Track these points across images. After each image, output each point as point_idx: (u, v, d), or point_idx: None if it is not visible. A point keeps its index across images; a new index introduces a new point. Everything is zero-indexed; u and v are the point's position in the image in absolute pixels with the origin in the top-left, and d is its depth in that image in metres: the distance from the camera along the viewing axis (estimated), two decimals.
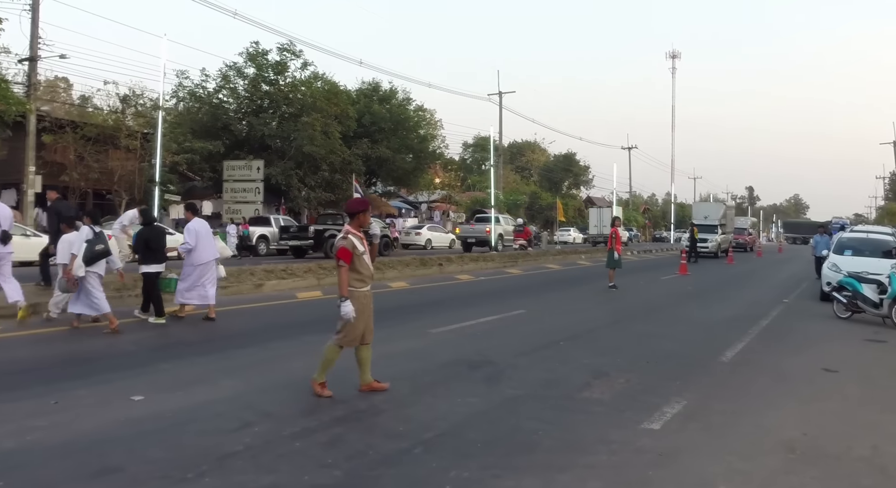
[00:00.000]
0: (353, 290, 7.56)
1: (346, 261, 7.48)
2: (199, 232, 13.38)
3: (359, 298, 7.58)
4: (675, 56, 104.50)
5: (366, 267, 7.68)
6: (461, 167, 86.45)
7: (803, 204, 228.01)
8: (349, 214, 7.85)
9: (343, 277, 7.51)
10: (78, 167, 33.51)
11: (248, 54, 44.30)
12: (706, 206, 57.90)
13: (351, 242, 7.51)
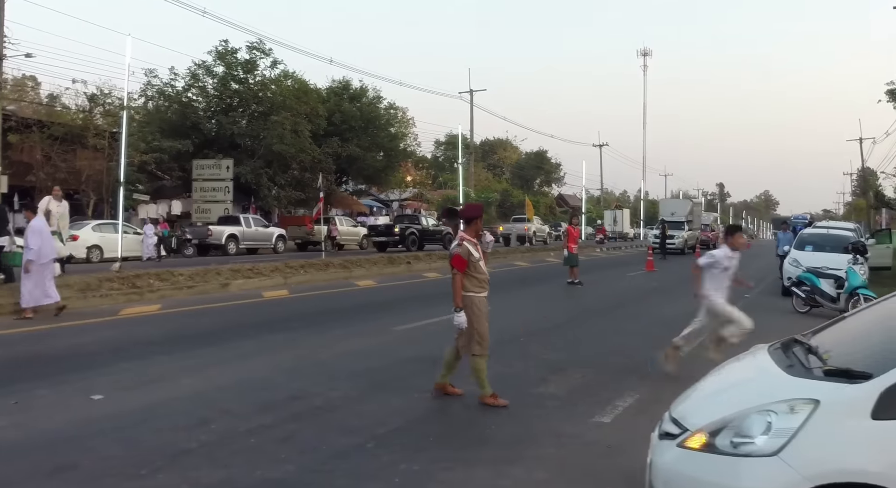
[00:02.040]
0: (472, 295, 7.56)
1: (460, 268, 7.48)
2: (43, 231, 13.36)
3: (477, 303, 7.59)
4: (646, 54, 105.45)
5: (482, 272, 7.67)
6: (433, 165, 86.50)
7: (773, 200, 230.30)
8: (464, 220, 7.86)
9: (457, 285, 7.49)
10: (45, 167, 33.27)
11: (218, 53, 44.07)
12: (673, 203, 58.25)
13: (466, 249, 7.50)
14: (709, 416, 3.79)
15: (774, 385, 3.92)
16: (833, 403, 3.43)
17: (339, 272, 22.69)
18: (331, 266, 23.21)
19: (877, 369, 3.48)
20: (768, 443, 3.42)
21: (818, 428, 3.37)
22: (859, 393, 3.40)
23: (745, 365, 4.72)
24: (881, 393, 3.33)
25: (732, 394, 4.08)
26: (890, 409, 3.29)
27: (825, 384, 3.62)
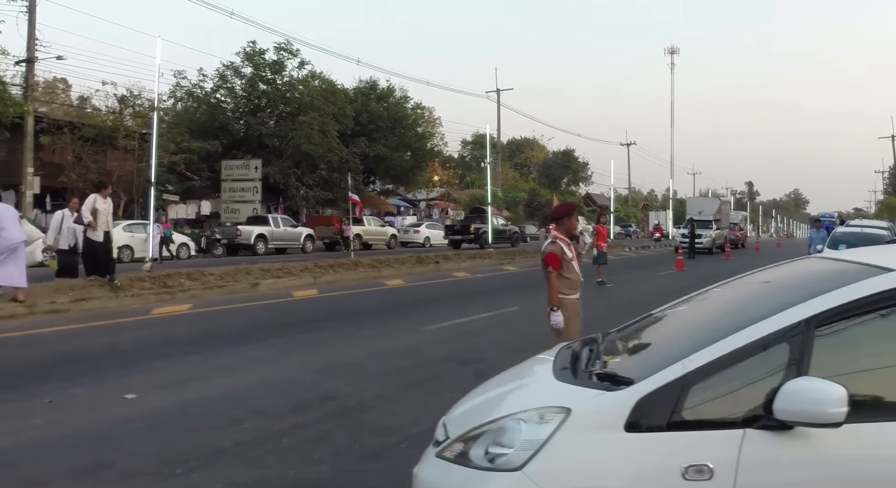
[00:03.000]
0: (563, 297, 7.35)
1: (555, 267, 7.27)
2: (5, 216, 13.55)
3: (568, 306, 7.39)
4: (673, 51, 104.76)
5: (575, 273, 7.46)
6: (460, 165, 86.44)
7: (803, 199, 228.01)
8: (554, 219, 7.70)
9: (553, 284, 7.30)
10: (76, 168, 33.62)
11: (246, 54, 44.39)
12: (701, 201, 57.72)
13: (560, 247, 7.31)
14: (469, 423, 3.41)
15: (536, 390, 3.60)
16: (585, 413, 3.07)
17: (368, 272, 22.70)
18: (360, 265, 23.22)
19: (641, 374, 3.12)
20: (515, 456, 3.04)
21: (566, 441, 3.00)
22: (615, 402, 3.03)
23: (528, 365, 4.29)
24: (636, 403, 2.97)
25: (500, 399, 3.65)
26: (644, 421, 2.95)
27: (582, 391, 3.25)
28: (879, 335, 3.17)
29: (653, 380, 3.02)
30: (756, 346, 3.01)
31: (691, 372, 2.98)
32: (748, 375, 2.99)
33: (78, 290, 15.15)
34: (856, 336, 3.14)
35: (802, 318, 3.04)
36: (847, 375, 2.91)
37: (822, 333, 3.04)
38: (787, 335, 3.02)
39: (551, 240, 7.45)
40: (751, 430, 2.85)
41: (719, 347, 3.04)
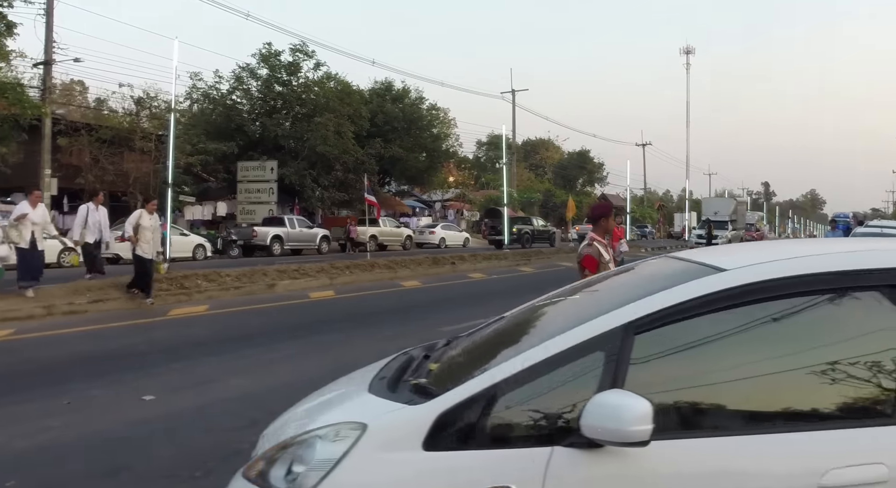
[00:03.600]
0: None
1: (591, 269, 7.04)
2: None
3: None
4: (689, 52, 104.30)
5: None
6: (475, 165, 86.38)
7: (820, 199, 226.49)
8: (592, 219, 7.57)
9: None
10: (93, 169, 33.76)
11: (261, 55, 44.47)
12: (717, 202, 57.45)
13: (597, 250, 7.13)
14: (281, 437, 3.07)
15: (346, 402, 3.25)
16: (381, 429, 2.72)
17: (385, 273, 22.67)
18: (376, 266, 23.19)
19: (449, 385, 2.79)
20: (307, 477, 2.68)
21: (359, 460, 2.65)
22: (413, 417, 2.69)
23: (365, 369, 3.81)
24: (437, 418, 2.64)
25: (318, 410, 3.28)
26: (444, 439, 2.62)
27: (385, 404, 2.90)
28: (706, 342, 2.84)
29: (456, 393, 2.69)
30: (570, 355, 2.71)
31: (499, 382, 2.67)
32: (560, 387, 2.69)
33: (95, 291, 15.18)
34: (679, 343, 2.82)
35: (620, 324, 2.74)
36: (666, 387, 2.68)
37: (642, 341, 2.74)
38: (602, 342, 2.72)
39: (588, 243, 7.31)
40: (559, 448, 2.55)
41: (531, 355, 2.73)
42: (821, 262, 2.97)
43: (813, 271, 2.87)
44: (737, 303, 2.81)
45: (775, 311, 2.82)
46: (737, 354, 2.82)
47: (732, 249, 4.13)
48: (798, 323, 2.88)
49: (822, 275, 2.85)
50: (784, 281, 2.83)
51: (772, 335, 2.85)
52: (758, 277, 2.85)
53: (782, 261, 3.00)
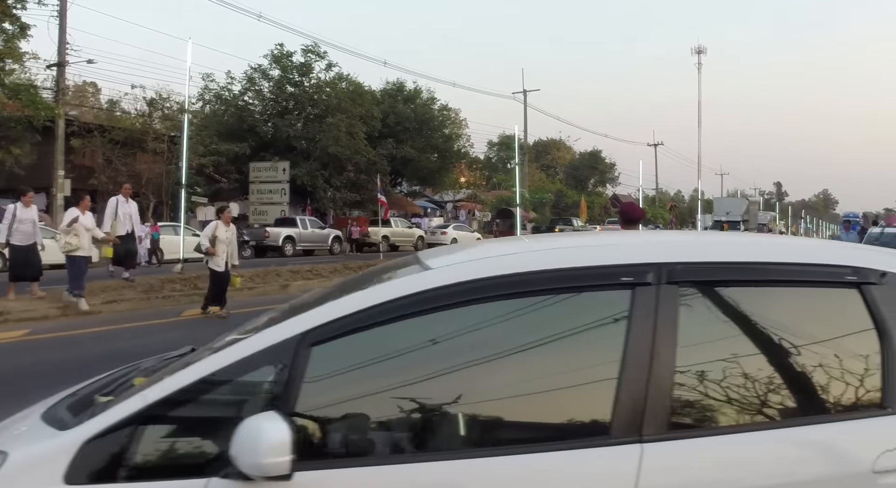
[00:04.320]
0: None
1: None
2: None
3: None
4: (700, 51, 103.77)
5: None
6: (486, 166, 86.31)
7: (832, 199, 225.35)
8: (632, 220, 7.57)
9: None
10: (106, 170, 33.87)
11: (273, 56, 44.54)
12: (728, 202, 57.20)
13: None
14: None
15: (10, 426, 2.86)
16: (23, 460, 2.33)
17: None
18: None
19: (104, 408, 2.42)
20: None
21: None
22: (57, 445, 2.32)
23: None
24: (80, 447, 2.27)
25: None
26: (87, 471, 2.24)
27: (39, 429, 2.53)
28: (397, 354, 2.51)
29: (105, 417, 2.33)
30: (232, 371, 2.38)
31: (152, 404, 2.33)
32: (220, 410, 2.39)
33: (110, 292, 15.21)
34: (366, 355, 2.49)
35: (294, 334, 2.40)
36: (337, 409, 2.38)
37: (321, 353, 2.40)
38: (272, 356, 2.39)
39: None
40: (216, 480, 2.21)
41: (192, 372, 2.41)
42: (513, 262, 2.74)
43: (506, 272, 2.58)
44: (432, 308, 2.49)
45: (475, 316, 2.54)
46: (431, 365, 2.50)
47: (458, 248, 3.81)
48: (499, 328, 2.55)
49: (514, 276, 2.56)
50: (480, 282, 2.53)
51: (469, 343, 2.53)
52: (453, 279, 2.56)
53: (481, 261, 2.79)
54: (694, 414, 2.49)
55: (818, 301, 2.72)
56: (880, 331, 2.54)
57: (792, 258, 2.80)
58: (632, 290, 2.51)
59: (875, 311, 2.57)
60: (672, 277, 2.54)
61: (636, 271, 2.56)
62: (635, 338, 2.43)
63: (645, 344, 2.42)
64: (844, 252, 3.01)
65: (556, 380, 2.48)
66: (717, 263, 2.71)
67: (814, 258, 2.81)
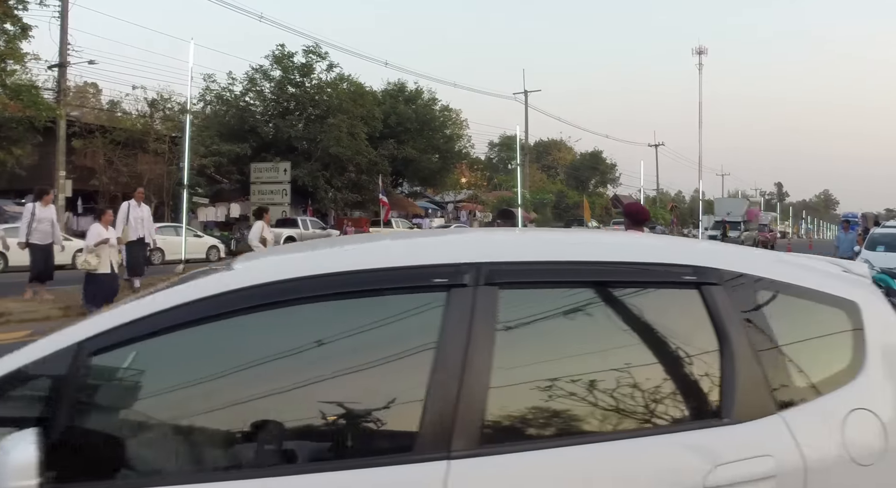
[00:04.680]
0: None
1: None
2: None
3: None
4: (701, 52, 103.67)
5: None
6: (487, 166, 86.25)
7: (833, 199, 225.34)
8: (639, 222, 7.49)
9: None
10: (107, 171, 33.86)
11: (274, 57, 44.51)
12: (729, 202, 56.90)
13: None
14: None
15: None
16: None
17: None
18: None
19: None
20: None
21: None
22: None
23: None
24: None
25: None
26: None
27: None
28: (181, 360, 2.29)
29: None
30: (4, 384, 2.12)
31: None
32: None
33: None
34: (150, 364, 2.24)
35: (71, 343, 2.14)
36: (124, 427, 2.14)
37: (104, 363, 2.17)
38: (46, 367, 2.13)
39: None
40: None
41: None
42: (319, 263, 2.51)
43: (306, 274, 2.35)
44: (225, 312, 2.25)
45: (274, 321, 2.31)
46: (219, 377, 2.26)
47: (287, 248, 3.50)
48: (299, 335, 2.33)
49: (315, 279, 2.33)
50: (277, 285, 2.29)
51: (263, 352, 2.28)
52: (247, 282, 2.32)
53: (289, 261, 2.62)
54: (509, 428, 2.28)
55: (656, 303, 2.53)
56: (720, 336, 2.41)
57: (628, 257, 2.62)
58: (447, 293, 2.30)
59: (715, 314, 2.43)
60: (492, 278, 2.34)
61: (452, 272, 2.34)
62: (447, 345, 2.23)
63: (458, 351, 2.21)
64: (690, 250, 2.86)
65: (353, 392, 2.24)
66: (545, 263, 2.51)
67: (653, 257, 2.64)
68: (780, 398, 2.38)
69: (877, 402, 2.45)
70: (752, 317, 2.49)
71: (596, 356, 2.44)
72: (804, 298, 2.60)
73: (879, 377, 2.51)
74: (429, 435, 2.13)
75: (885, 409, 2.44)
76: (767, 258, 2.87)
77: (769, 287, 2.58)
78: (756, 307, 2.52)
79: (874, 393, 2.47)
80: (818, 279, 2.68)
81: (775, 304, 2.56)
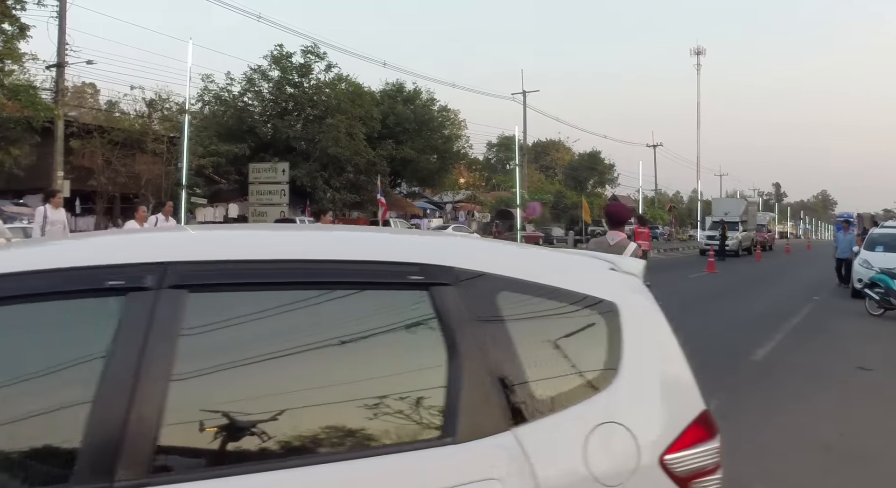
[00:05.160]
0: None
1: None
2: None
3: None
4: (699, 53, 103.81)
5: None
6: (485, 167, 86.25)
7: (831, 200, 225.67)
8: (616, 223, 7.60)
9: None
10: (105, 171, 33.76)
11: (273, 57, 44.43)
12: (727, 202, 56.65)
13: (640, 250, 7.25)
14: None
15: None
16: None
17: None
18: None
19: None
20: None
21: None
22: None
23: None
24: None
25: None
26: None
27: None
28: None
29: None
30: None
31: None
32: None
33: None
34: None
35: None
36: None
37: None
38: None
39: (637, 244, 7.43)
40: None
41: None
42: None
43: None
44: None
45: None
46: None
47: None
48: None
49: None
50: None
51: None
52: None
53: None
54: (188, 453, 1.98)
55: (376, 307, 2.24)
56: (448, 345, 2.13)
57: (345, 254, 2.32)
58: (124, 297, 2.00)
59: (444, 320, 2.16)
60: (180, 280, 2.05)
61: (130, 273, 2.04)
62: (117, 358, 1.93)
63: (129, 365, 1.91)
64: (420, 246, 2.60)
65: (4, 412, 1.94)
66: (244, 262, 2.18)
67: (375, 254, 2.34)
68: (515, 413, 2.11)
69: (630, 415, 2.22)
70: (489, 323, 2.20)
71: (303, 369, 2.14)
72: (554, 300, 2.32)
73: (634, 386, 2.27)
74: (89, 461, 1.83)
75: (638, 422, 2.22)
76: (517, 255, 2.66)
77: (514, 287, 2.29)
78: (495, 311, 2.23)
79: (627, 404, 2.24)
80: (572, 278, 2.42)
81: (519, 307, 2.28)
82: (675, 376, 2.39)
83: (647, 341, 2.37)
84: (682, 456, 2.21)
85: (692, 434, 2.27)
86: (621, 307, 2.36)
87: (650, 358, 2.35)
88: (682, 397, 2.36)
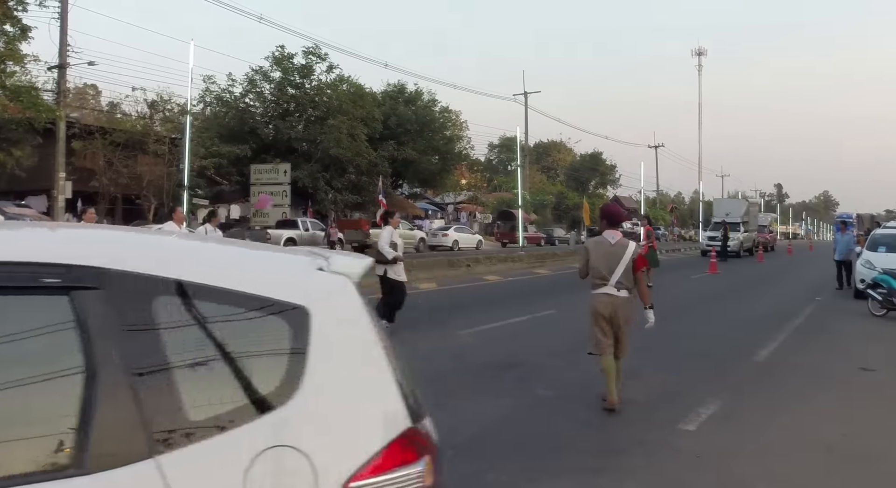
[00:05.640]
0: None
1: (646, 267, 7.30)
2: None
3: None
4: (700, 53, 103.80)
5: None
6: (487, 168, 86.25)
7: (833, 200, 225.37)
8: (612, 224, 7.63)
9: (644, 284, 7.47)
10: (107, 173, 33.81)
11: (274, 58, 44.44)
12: (728, 203, 56.55)
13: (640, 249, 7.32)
14: None
15: None
16: None
17: None
18: None
19: None
20: None
21: None
22: None
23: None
24: None
25: None
26: None
27: None
28: None
29: None
30: None
31: None
32: None
33: None
34: None
35: None
36: None
37: None
38: None
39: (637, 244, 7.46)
40: None
41: None
42: None
43: None
44: None
45: None
46: None
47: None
48: None
49: None
50: None
51: None
52: None
53: None
54: None
55: (3, 315, 1.90)
56: (85, 358, 1.87)
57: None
58: None
59: (84, 330, 1.89)
60: None
61: None
62: None
63: None
64: (70, 242, 2.22)
65: None
66: None
67: (7, 254, 1.98)
68: (162, 438, 1.85)
69: (306, 436, 1.98)
70: (140, 333, 1.94)
71: None
72: (227, 305, 2.05)
73: (316, 403, 2.02)
74: None
75: (316, 445, 1.97)
76: (189, 253, 2.38)
77: (179, 292, 2.02)
78: (149, 319, 1.96)
79: (305, 424, 1.99)
80: (256, 280, 2.14)
81: (182, 314, 2.00)
82: (373, 391, 2.13)
83: (341, 351, 2.12)
84: (372, 483, 1.98)
85: (390, 456, 2.03)
86: (314, 313, 2.09)
87: (341, 370, 2.10)
88: (380, 414, 2.09)
